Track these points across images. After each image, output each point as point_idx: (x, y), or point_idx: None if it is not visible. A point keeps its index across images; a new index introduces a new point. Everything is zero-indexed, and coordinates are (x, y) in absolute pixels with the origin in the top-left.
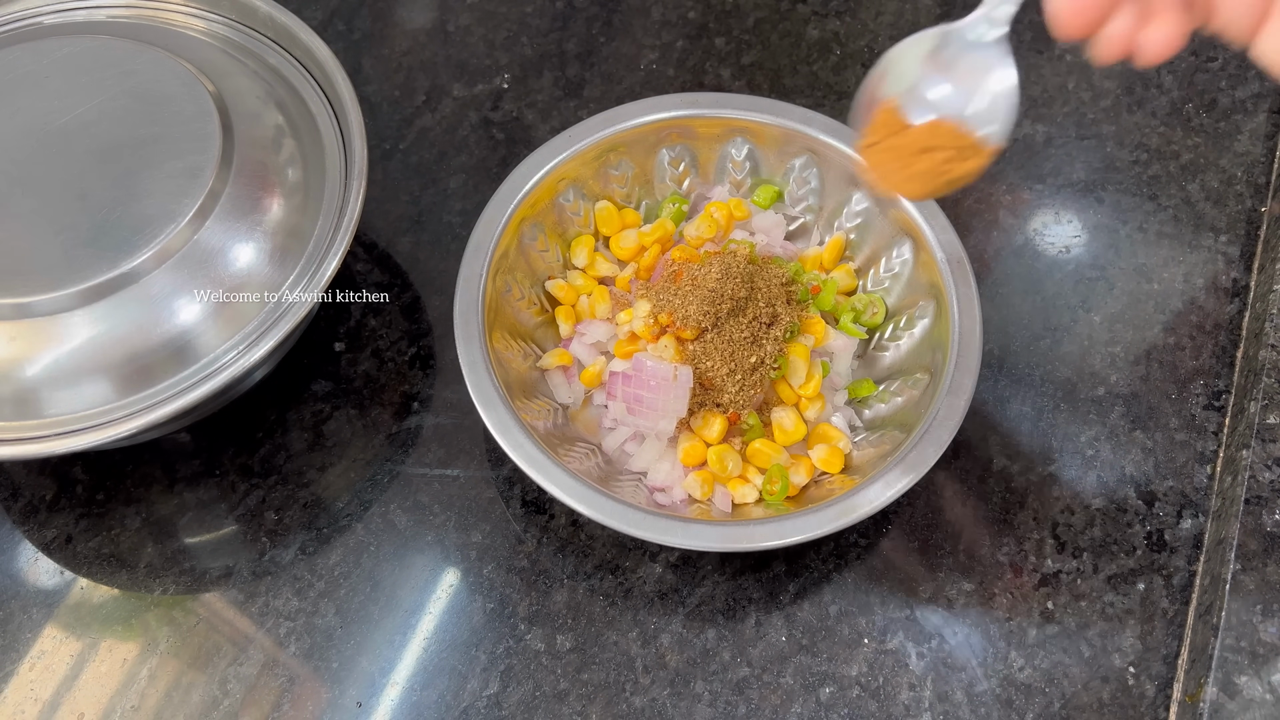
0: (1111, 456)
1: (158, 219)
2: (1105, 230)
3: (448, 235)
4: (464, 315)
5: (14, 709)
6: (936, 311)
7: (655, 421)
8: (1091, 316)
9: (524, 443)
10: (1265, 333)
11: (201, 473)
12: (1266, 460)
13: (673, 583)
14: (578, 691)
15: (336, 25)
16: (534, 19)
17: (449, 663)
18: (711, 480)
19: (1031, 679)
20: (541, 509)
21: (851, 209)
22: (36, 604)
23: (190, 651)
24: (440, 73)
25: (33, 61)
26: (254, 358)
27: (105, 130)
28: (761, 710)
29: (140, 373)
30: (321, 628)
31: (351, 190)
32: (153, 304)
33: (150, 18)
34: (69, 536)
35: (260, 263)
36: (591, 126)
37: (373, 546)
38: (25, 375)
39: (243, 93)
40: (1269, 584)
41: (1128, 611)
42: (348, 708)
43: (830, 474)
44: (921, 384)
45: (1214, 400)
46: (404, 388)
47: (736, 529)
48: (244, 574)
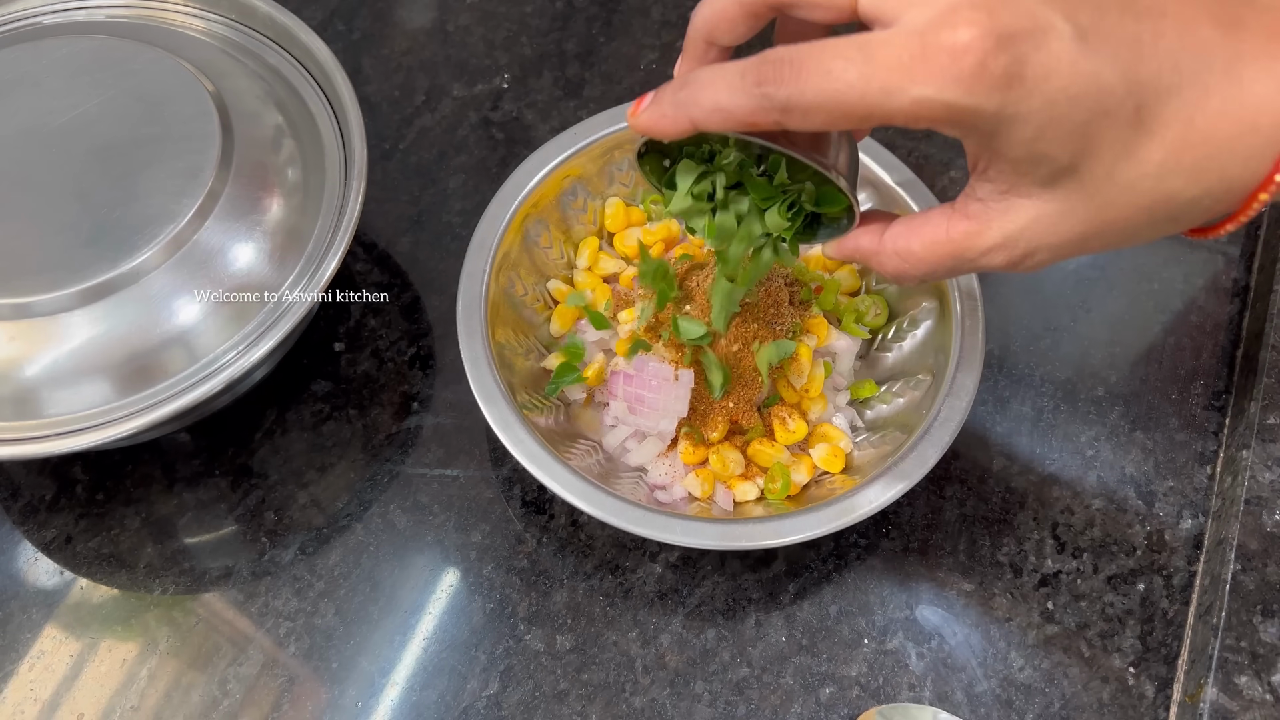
0: (1111, 456)
1: (158, 219)
2: None
3: (448, 235)
4: (466, 311)
5: (14, 709)
6: (939, 313)
7: (656, 421)
8: (1091, 316)
9: (525, 439)
10: (1265, 333)
11: (201, 473)
12: (1266, 460)
13: (673, 583)
14: (578, 692)
15: (336, 25)
16: (534, 19)
17: (449, 663)
18: (712, 479)
19: (1031, 679)
20: (541, 509)
21: None
22: (36, 604)
23: (190, 651)
24: (440, 73)
25: (33, 61)
26: (254, 358)
27: (105, 130)
28: (761, 710)
29: (140, 373)
30: (321, 628)
31: (351, 190)
32: (153, 304)
33: (150, 18)
34: (69, 536)
35: (260, 263)
36: (596, 124)
37: (372, 547)
38: (25, 375)
39: (243, 93)
40: (1269, 584)
41: (1128, 612)
42: (348, 708)
43: (831, 474)
44: (923, 385)
45: (1214, 400)
46: (404, 388)
47: (736, 527)
48: (244, 574)
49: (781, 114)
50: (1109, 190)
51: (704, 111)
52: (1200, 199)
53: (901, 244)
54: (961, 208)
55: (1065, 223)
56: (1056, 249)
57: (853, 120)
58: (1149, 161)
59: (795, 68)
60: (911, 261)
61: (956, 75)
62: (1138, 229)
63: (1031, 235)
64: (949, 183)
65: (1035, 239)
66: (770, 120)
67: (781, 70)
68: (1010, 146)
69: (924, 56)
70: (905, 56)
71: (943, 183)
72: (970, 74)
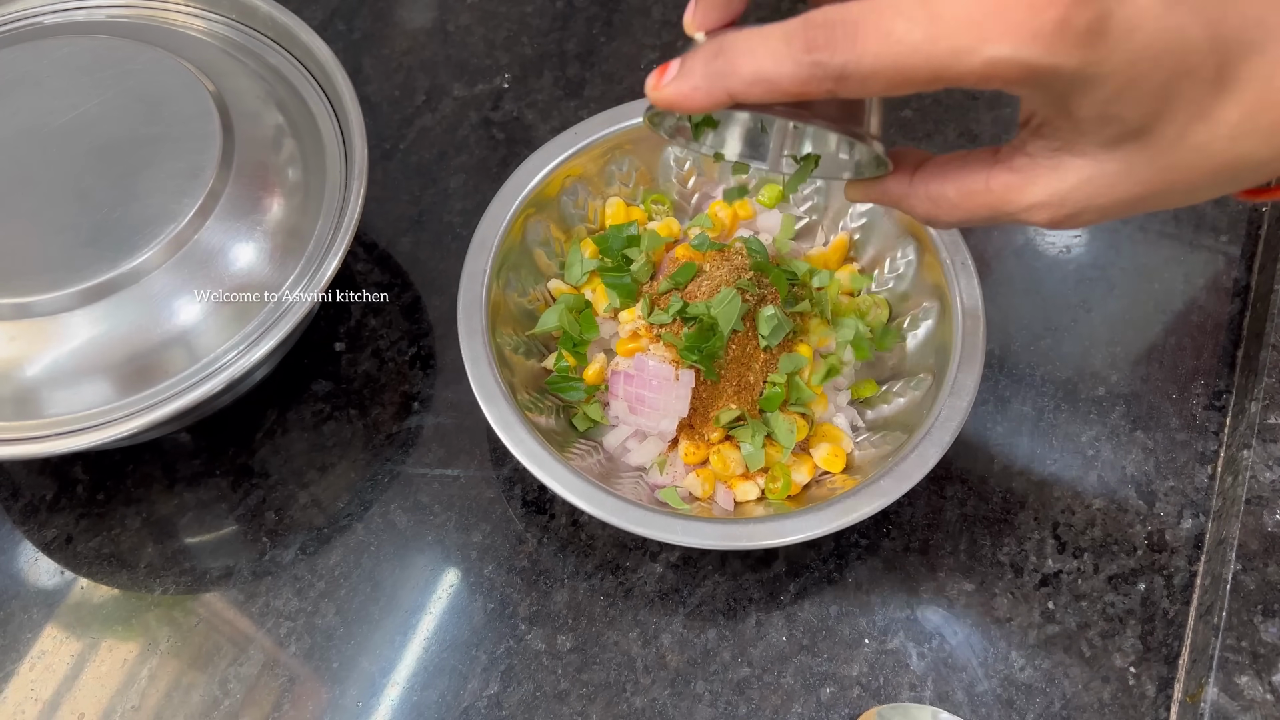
0: (1112, 456)
1: (158, 219)
2: (1106, 230)
3: (448, 235)
4: (467, 311)
5: (14, 709)
6: (940, 313)
7: (657, 421)
8: (1092, 316)
9: (525, 439)
10: (1266, 332)
11: (201, 473)
12: (1267, 460)
13: (673, 583)
14: (578, 691)
15: (336, 25)
16: (534, 19)
17: (449, 663)
18: (712, 479)
19: (1032, 679)
20: (542, 509)
21: (856, 209)
22: (37, 604)
23: (190, 651)
24: (440, 73)
25: (33, 61)
26: (254, 358)
27: (105, 130)
28: (762, 710)
29: (140, 373)
30: (322, 628)
31: (351, 190)
32: (153, 304)
33: (150, 18)
34: (69, 536)
35: (260, 263)
36: (598, 124)
37: (373, 546)
38: (25, 375)
39: (243, 93)
40: (1269, 584)
41: (1128, 611)
42: (348, 708)
43: (832, 473)
44: (924, 385)
45: (1215, 400)
46: (404, 388)
47: (736, 527)
48: (244, 574)
49: (836, 83)
50: (1177, 153)
51: (744, 83)
52: (1271, 161)
53: (935, 188)
54: (1006, 159)
55: (1121, 184)
56: (1106, 210)
57: (915, 85)
58: (1224, 123)
59: (849, 31)
60: (944, 207)
61: (1035, 31)
62: (1196, 191)
63: (1081, 196)
64: None
65: (1085, 199)
66: (823, 90)
67: (834, 34)
68: (1082, 107)
69: (998, 12)
70: (977, 13)
71: None
72: (1051, 30)
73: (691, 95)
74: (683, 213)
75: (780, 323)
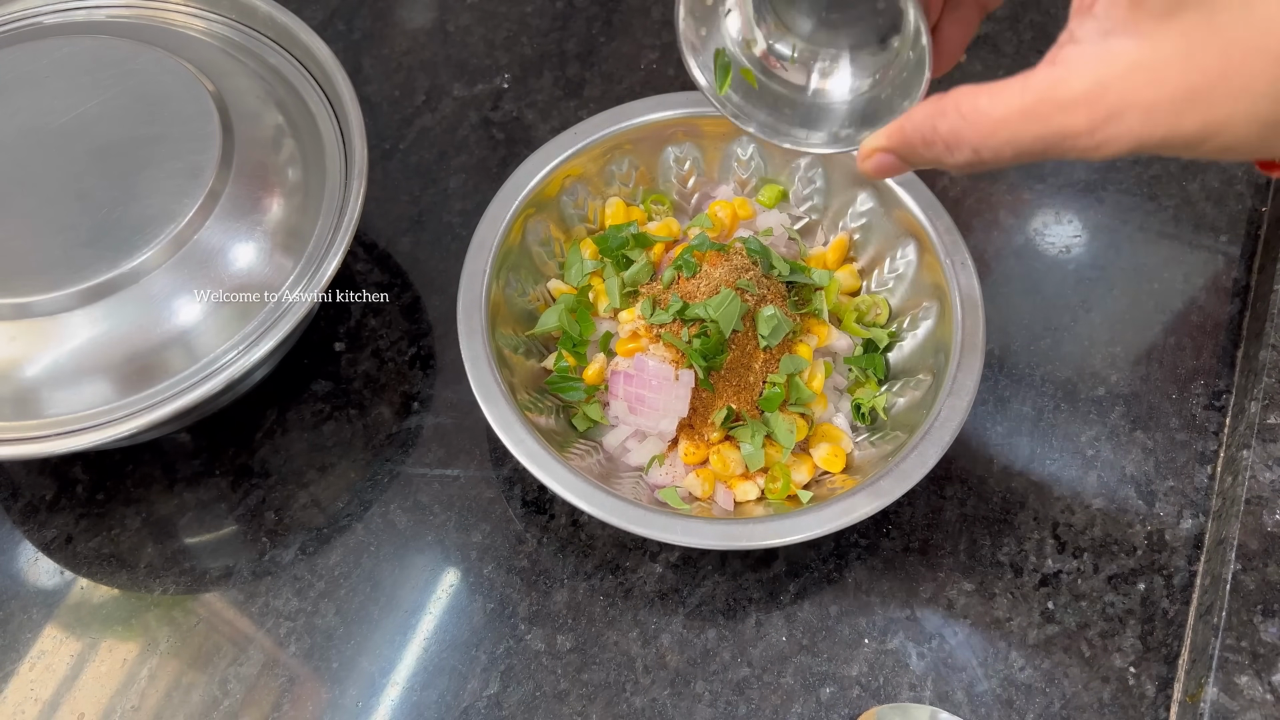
0: (1112, 456)
1: (158, 219)
2: (1106, 230)
3: (448, 235)
4: (467, 311)
5: (14, 709)
6: (940, 313)
7: (656, 421)
8: (1092, 316)
9: (525, 439)
10: (1266, 332)
11: (201, 473)
12: (1267, 460)
13: (673, 582)
14: (578, 691)
15: (336, 25)
16: (534, 19)
17: (449, 663)
18: (712, 479)
19: (1032, 679)
20: (542, 509)
21: (856, 209)
22: (36, 604)
23: (190, 651)
24: (440, 73)
25: (33, 61)
26: (254, 358)
27: (105, 130)
28: (762, 710)
29: (140, 373)
30: (321, 628)
31: (351, 190)
32: (153, 304)
33: (150, 18)
34: (69, 536)
35: (260, 263)
36: (597, 124)
37: (373, 546)
38: (25, 375)
39: (243, 93)
40: (1269, 584)
41: (1128, 611)
42: (348, 708)
43: (832, 473)
44: (924, 385)
45: (1214, 400)
46: (404, 387)
47: (736, 527)
48: (244, 574)
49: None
50: (1238, 29)
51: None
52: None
53: (967, 102)
54: (1049, 57)
55: (1171, 70)
56: (1151, 109)
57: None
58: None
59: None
60: (974, 121)
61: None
62: (1255, 90)
63: (1125, 86)
64: (949, 182)
65: (1129, 92)
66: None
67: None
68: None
69: None
70: None
71: (943, 183)
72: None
73: None
74: (683, 213)
75: (780, 323)
